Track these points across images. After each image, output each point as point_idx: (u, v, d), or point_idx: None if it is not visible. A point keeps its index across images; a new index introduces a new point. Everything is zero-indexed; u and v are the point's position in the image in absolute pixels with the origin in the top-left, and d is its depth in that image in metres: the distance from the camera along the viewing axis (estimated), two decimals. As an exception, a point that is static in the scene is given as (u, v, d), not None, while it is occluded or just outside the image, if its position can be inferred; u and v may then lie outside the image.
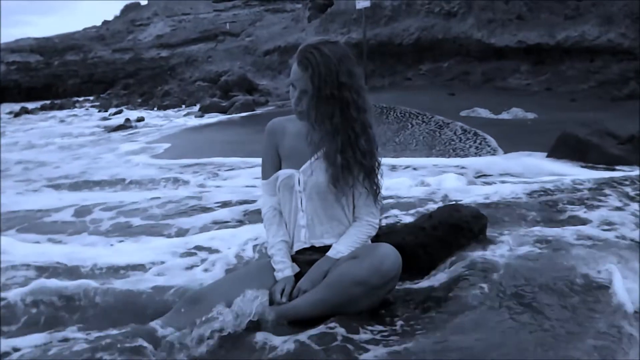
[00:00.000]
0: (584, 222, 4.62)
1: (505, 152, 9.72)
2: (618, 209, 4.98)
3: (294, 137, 3.26)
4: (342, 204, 3.19)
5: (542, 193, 5.84)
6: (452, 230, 3.76)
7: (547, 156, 8.68)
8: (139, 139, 16.60)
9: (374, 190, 3.18)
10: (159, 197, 7.34)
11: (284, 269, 3.17)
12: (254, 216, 5.73)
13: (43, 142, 17.65)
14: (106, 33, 65.88)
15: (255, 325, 2.93)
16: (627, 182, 6.00)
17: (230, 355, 2.74)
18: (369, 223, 3.22)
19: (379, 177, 3.20)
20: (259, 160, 3.39)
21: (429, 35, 25.94)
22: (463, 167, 8.52)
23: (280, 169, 3.29)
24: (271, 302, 3.06)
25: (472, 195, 5.94)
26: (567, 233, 4.12)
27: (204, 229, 5.70)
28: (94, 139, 18.02)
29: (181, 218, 6.23)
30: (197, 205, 6.75)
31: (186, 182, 8.81)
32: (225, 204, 6.67)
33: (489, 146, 10.62)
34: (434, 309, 3.08)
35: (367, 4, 25.14)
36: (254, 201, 6.50)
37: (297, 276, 3.16)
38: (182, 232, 5.69)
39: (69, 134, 19.96)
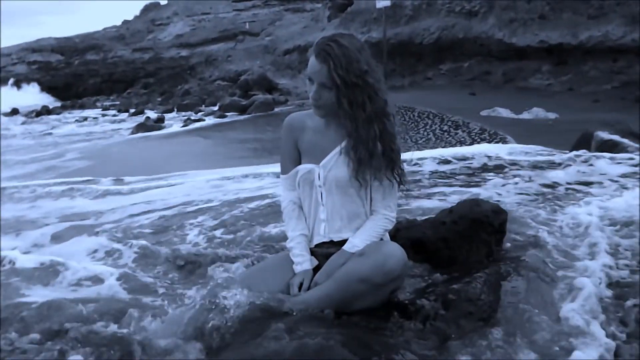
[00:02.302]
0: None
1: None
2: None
3: (313, 132, 3.23)
4: (361, 198, 3.17)
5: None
6: (472, 224, 3.73)
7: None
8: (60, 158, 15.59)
9: (395, 181, 3.12)
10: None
11: (303, 262, 3.17)
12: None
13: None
14: (126, 33, 66.26)
15: (275, 316, 2.90)
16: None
17: (247, 345, 2.71)
18: (385, 217, 3.17)
19: (401, 167, 3.14)
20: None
21: (449, 34, 25.91)
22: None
23: (299, 163, 3.26)
24: (289, 294, 3.08)
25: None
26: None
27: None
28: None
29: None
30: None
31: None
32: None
33: (508, 146, 10.53)
34: (454, 302, 3.05)
35: (388, 3, 25.13)
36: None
37: (316, 269, 3.15)
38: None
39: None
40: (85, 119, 28.51)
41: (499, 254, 3.74)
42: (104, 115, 30.47)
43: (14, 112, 35.41)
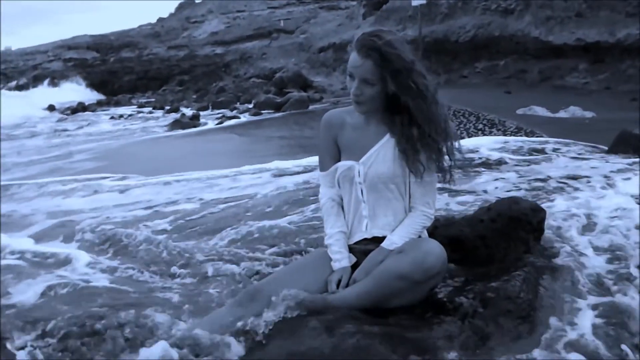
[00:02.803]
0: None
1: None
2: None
3: (352, 129, 3.22)
4: (402, 194, 3.16)
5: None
6: (510, 222, 3.71)
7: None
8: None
9: (437, 176, 3.14)
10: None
11: (341, 259, 3.15)
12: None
13: None
14: (161, 30, 66.63)
15: (313, 313, 2.90)
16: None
17: (286, 342, 2.72)
18: (423, 213, 3.15)
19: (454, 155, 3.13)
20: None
21: (485, 32, 25.75)
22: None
23: (338, 160, 3.26)
24: (327, 291, 3.07)
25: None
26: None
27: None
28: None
29: None
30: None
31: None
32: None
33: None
34: (493, 300, 3.04)
35: (423, 1, 25.01)
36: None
37: (354, 267, 3.14)
38: None
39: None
40: (121, 116, 28.67)
41: (537, 252, 3.73)
42: (139, 112, 30.62)
43: (51, 108, 35.71)
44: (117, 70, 55.11)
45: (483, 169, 7.18)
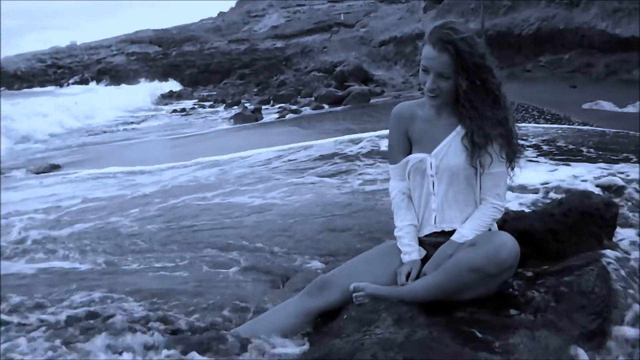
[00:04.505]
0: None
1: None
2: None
3: (424, 122, 3.21)
4: (472, 187, 3.13)
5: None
6: (582, 217, 3.63)
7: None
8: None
9: (508, 168, 3.11)
10: None
11: (411, 252, 3.15)
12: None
13: None
14: (222, 24, 67.23)
15: (382, 305, 2.91)
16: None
17: (357, 333, 2.73)
18: (494, 206, 3.12)
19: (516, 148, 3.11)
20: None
21: (549, 25, 25.38)
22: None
23: (409, 153, 3.24)
24: (396, 283, 3.07)
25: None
26: None
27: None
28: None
29: None
30: None
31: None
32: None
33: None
34: (566, 295, 2.99)
35: (486, -7, 24.78)
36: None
37: (424, 260, 3.13)
38: None
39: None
40: (183, 109, 28.98)
41: (610, 247, 3.65)
42: (201, 106, 30.93)
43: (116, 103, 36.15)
44: (178, 64, 55.89)
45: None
